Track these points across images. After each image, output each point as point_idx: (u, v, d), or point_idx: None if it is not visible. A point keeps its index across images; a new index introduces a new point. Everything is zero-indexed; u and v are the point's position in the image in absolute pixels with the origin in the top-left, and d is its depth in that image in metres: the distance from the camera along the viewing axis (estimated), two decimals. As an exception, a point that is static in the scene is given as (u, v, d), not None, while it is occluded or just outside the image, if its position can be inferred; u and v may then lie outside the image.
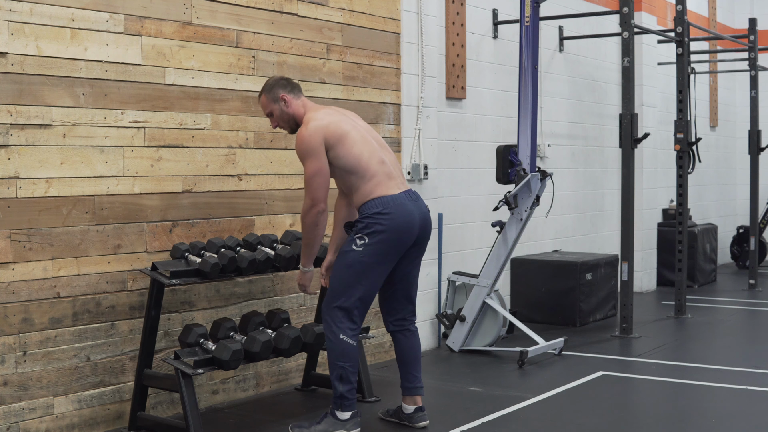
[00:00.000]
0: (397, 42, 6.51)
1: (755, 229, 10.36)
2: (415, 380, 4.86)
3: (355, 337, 4.56)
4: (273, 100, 4.72)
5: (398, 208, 4.53)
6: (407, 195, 4.62)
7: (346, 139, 4.53)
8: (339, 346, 4.53)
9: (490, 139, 7.80)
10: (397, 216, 4.52)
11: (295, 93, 4.74)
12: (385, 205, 4.52)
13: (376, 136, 4.74)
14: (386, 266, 4.60)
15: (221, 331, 4.75)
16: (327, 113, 4.64)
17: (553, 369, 6.27)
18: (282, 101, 4.70)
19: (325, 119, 4.56)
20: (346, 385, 4.53)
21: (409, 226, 4.57)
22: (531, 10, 6.66)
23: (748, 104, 10.68)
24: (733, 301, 9.50)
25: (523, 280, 8.04)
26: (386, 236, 4.50)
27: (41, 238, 4.41)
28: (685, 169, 8.34)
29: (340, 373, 4.53)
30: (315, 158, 4.49)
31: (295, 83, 4.79)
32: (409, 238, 4.60)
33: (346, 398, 4.54)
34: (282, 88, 4.71)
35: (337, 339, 4.53)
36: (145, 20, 4.84)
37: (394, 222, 4.51)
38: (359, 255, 4.51)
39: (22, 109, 4.32)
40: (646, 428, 4.98)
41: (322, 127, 4.52)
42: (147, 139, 4.87)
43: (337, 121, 4.58)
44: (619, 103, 7.86)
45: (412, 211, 4.58)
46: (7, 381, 4.29)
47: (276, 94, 4.71)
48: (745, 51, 10.49)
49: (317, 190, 4.49)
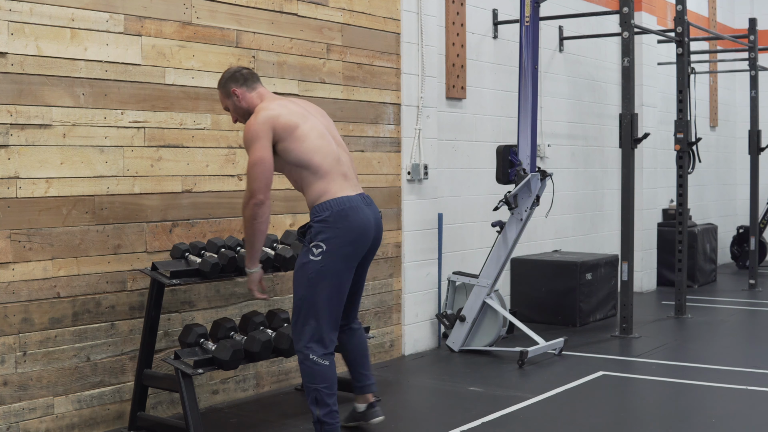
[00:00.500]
0: (397, 42, 6.51)
1: (755, 229, 10.36)
2: (365, 378, 4.70)
3: (327, 357, 4.26)
4: (226, 95, 4.55)
5: (354, 211, 4.29)
6: (362, 198, 4.38)
7: (297, 132, 4.30)
8: (309, 367, 4.25)
9: (490, 139, 7.80)
10: (354, 219, 4.27)
11: (249, 85, 4.52)
12: (341, 206, 4.27)
13: (336, 135, 4.54)
14: (349, 272, 4.33)
15: (221, 331, 4.75)
16: (281, 104, 4.40)
17: (553, 369, 6.27)
18: (234, 96, 4.52)
19: (276, 110, 4.33)
20: (323, 408, 4.24)
21: (365, 229, 4.33)
22: (531, 10, 6.66)
23: (748, 104, 10.68)
24: (733, 301, 9.50)
25: (523, 280, 8.04)
26: (344, 240, 4.25)
27: (41, 238, 4.41)
28: (685, 169, 8.34)
29: (314, 396, 4.24)
30: (259, 147, 4.24)
31: (249, 75, 4.56)
32: (365, 242, 4.36)
33: (325, 423, 4.25)
34: (233, 82, 4.52)
35: (307, 359, 4.25)
36: (145, 20, 4.84)
37: (351, 225, 4.26)
38: (319, 265, 4.23)
39: (22, 109, 4.32)
40: (646, 428, 4.98)
41: (271, 117, 4.29)
42: (147, 139, 4.87)
43: (289, 113, 4.34)
44: (619, 103, 7.86)
45: (367, 215, 4.35)
46: (7, 381, 4.29)
47: (228, 89, 4.53)
48: (745, 51, 10.49)
49: (256, 181, 4.22)
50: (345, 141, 6.04)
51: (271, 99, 4.51)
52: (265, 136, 4.26)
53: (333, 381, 4.30)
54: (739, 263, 12.33)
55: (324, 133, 4.42)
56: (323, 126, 4.47)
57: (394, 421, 5.03)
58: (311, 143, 4.32)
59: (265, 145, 4.26)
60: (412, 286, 6.65)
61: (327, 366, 4.26)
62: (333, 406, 4.27)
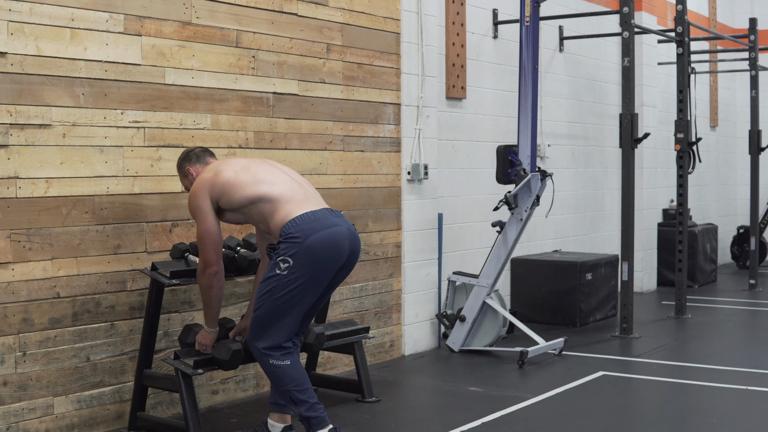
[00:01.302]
0: (397, 42, 6.51)
1: (755, 229, 10.35)
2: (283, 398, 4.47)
3: (286, 356, 4.23)
4: (183, 175, 4.61)
5: (321, 222, 4.19)
6: (330, 211, 4.30)
7: (238, 175, 4.30)
8: (272, 372, 4.26)
9: (490, 139, 7.80)
10: (322, 232, 4.17)
11: (201, 161, 4.55)
12: (308, 220, 4.17)
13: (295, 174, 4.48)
14: (315, 291, 4.25)
15: (221, 331, 4.74)
16: (222, 163, 4.43)
17: (553, 369, 6.27)
18: (190, 174, 4.55)
19: (212, 170, 4.37)
20: (301, 405, 4.26)
21: (338, 241, 4.22)
22: (531, 10, 6.65)
23: (748, 104, 10.68)
24: (733, 301, 9.50)
25: (523, 280, 8.04)
26: (312, 255, 4.14)
27: (41, 238, 4.41)
28: (686, 169, 8.34)
29: (289, 396, 4.28)
30: (202, 218, 4.29)
31: (201, 152, 4.58)
32: (339, 252, 4.24)
33: (310, 418, 4.26)
34: (187, 162, 4.57)
35: (267, 365, 4.25)
36: (144, 20, 4.84)
37: (319, 238, 4.15)
38: (284, 279, 4.14)
39: (22, 109, 4.32)
40: (646, 428, 4.98)
41: (206, 180, 4.32)
42: (147, 139, 4.87)
43: (228, 166, 4.36)
44: (619, 103, 7.86)
45: (337, 224, 4.24)
46: (7, 381, 4.29)
47: (183, 170, 4.59)
48: (746, 51, 10.49)
49: (207, 252, 4.28)
50: (345, 141, 6.07)
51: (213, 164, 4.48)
52: (203, 204, 4.31)
53: (300, 378, 4.28)
54: (740, 263, 12.33)
55: (272, 169, 4.40)
56: (275, 167, 4.45)
57: (393, 421, 5.03)
58: (255, 177, 4.31)
59: (207, 213, 4.30)
60: (412, 286, 6.65)
61: (289, 365, 4.25)
62: (310, 399, 4.27)
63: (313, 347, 4.99)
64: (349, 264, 4.37)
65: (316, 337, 4.93)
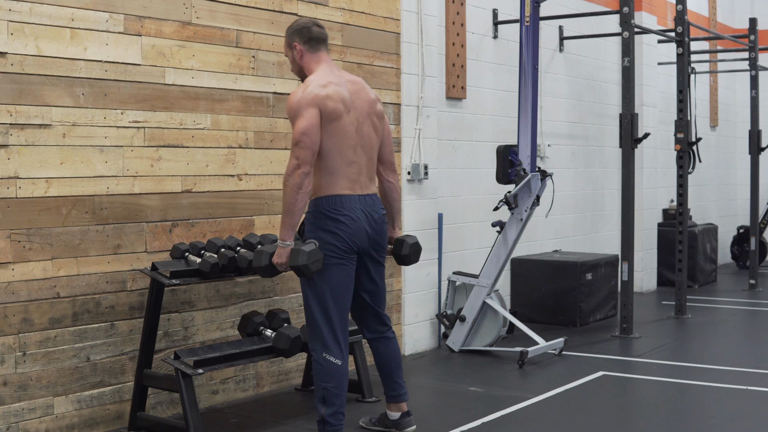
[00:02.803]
0: (397, 42, 6.51)
1: (755, 229, 10.35)
2: (399, 387, 4.64)
3: (339, 356, 4.25)
4: (288, 46, 4.44)
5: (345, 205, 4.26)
6: (361, 198, 4.33)
7: (335, 123, 4.22)
8: (320, 364, 4.25)
9: (490, 139, 7.80)
10: (343, 216, 4.25)
11: (312, 45, 4.39)
12: (332, 204, 4.25)
13: (368, 131, 4.40)
14: (346, 265, 4.30)
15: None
16: (333, 85, 4.28)
17: (553, 369, 6.27)
18: (294, 50, 4.40)
19: (325, 91, 4.23)
20: (329, 408, 4.22)
21: (356, 224, 4.29)
22: (531, 10, 6.65)
23: (748, 104, 10.68)
24: (733, 301, 9.50)
25: (523, 280, 8.03)
26: (334, 235, 4.24)
27: (41, 238, 4.41)
28: (686, 169, 8.34)
29: (322, 394, 4.23)
30: (308, 116, 4.14)
31: (317, 34, 4.41)
32: (358, 236, 4.30)
33: (328, 423, 4.23)
34: (298, 36, 4.40)
35: (320, 357, 4.25)
36: (144, 20, 4.84)
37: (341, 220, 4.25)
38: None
39: (22, 109, 4.32)
40: (646, 428, 4.98)
41: (320, 97, 4.19)
42: (147, 139, 4.87)
43: (337, 99, 4.25)
44: (619, 103, 7.85)
45: (356, 210, 4.29)
46: (7, 381, 4.29)
47: (291, 40, 4.42)
48: (746, 51, 10.48)
49: (304, 150, 4.12)
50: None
51: (324, 73, 4.34)
52: (312, 109, 4.16)
53: (342, 382, 4.27)
54: (740, 263, 12.33)
55: (354, 132, 4.31)
56: (362, 119, 4.36)
57: (394, 421, 5.03)
58: (338, 141, 4.25)
59: (314, 114, 4.16)
60: (412, 286, 6.65)
61: (338, 366, 4.25)
62: (339, 407, 4.25)
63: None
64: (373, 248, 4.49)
65: (316, 337, 4.94)
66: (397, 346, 4.68)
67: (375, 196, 4.44)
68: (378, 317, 4.60)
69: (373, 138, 4.44)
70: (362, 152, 4.37)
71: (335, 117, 4.23)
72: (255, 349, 4.85)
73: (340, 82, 4.34)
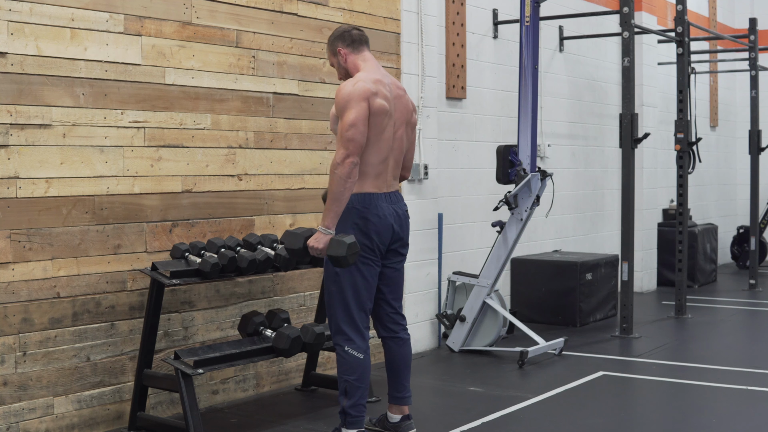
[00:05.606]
0: (397, 42, 6.51)
1: (755, 229, 10.35)
2: (404, 390, 4.68)
3: (362, 350, 4.35)
4: (332, 53, 4.55)
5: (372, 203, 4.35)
6: (386, 195, 4.43)
7: (378, 124, 4.31)
8: (342, 358, 4.35)
9: (490, 139, 7.80)
10: (371, 215, 4.34)
11: (355, 47, 4.51)
12: (361, 202, 4.33)
13: (401, 136, 4.50)
14: (372, 263, 4.39)
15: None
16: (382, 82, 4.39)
17: (553, 369, 6.27)
18: (339, 55, 4.52)
19: (374, 88, 4.32)
20: (350, 399, 4.33)
21: (383, 221, 4.37)
22: (531, 10, 6.66)
23: (748, 104, 10.69)
24: (733, 301, 9.50)
25: (523, 280, 8.04)
26: (362, 232, 4.32)
27: (41, 238, 4.41)
28: (686, 169, 8.34)
29: (344, 387, 4.34)
30: (358, 108, 4.23)
31: (358, 37, 4.53)
32: (384, 233, 4.39)
33: (349, 414, 4.34)
34: (341, 41, 4.51)
35: (343, 351, 4.36)
36: (145, 20, 4.84)
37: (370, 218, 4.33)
38: None
39: (22, 109, 4.32)
40: (646, 428, 4.98)
41: (371, 92, 4.29)
42: (147, 139, 4.87)
43: (383, 99, 4.35)
44: (619, 103, 7.86)
45: (383, 207, 4.38)
46: (7, 381, 4.29)
47: (334, 47, 4.53)
48: (746, 51, 10.49)
49: (353, 141, 4.19)
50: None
51: (372, 71, 4.45)
52: (362, 102, 4.25)
53: (363, 375, 4.36)
54: (740, 263, 12.33)
55: (392, 133, 4.42)
56: (398, 123, 4.47)
57: (394, 421, 5.03)
58: (377, 138, 4.33)
59: (364, 107, 4.25)
60: (412, 286, 6.65)
61: (360, 359, 4.35)
62: (360, 399, 4.34)
63: (313, 347, 5.00)
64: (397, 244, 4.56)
65: (316, 337, 4.94)
66: (409, 349, 4.70)
67: (398, 194, 4.54)
68: (395, 314, 4.64)
69: (404, 144, 4.57)
70: (393, 154, 4.48)
71: (381, 114, 4.33)
72: (255, 349, 4.85)
73: (388, 84, 4.46)
